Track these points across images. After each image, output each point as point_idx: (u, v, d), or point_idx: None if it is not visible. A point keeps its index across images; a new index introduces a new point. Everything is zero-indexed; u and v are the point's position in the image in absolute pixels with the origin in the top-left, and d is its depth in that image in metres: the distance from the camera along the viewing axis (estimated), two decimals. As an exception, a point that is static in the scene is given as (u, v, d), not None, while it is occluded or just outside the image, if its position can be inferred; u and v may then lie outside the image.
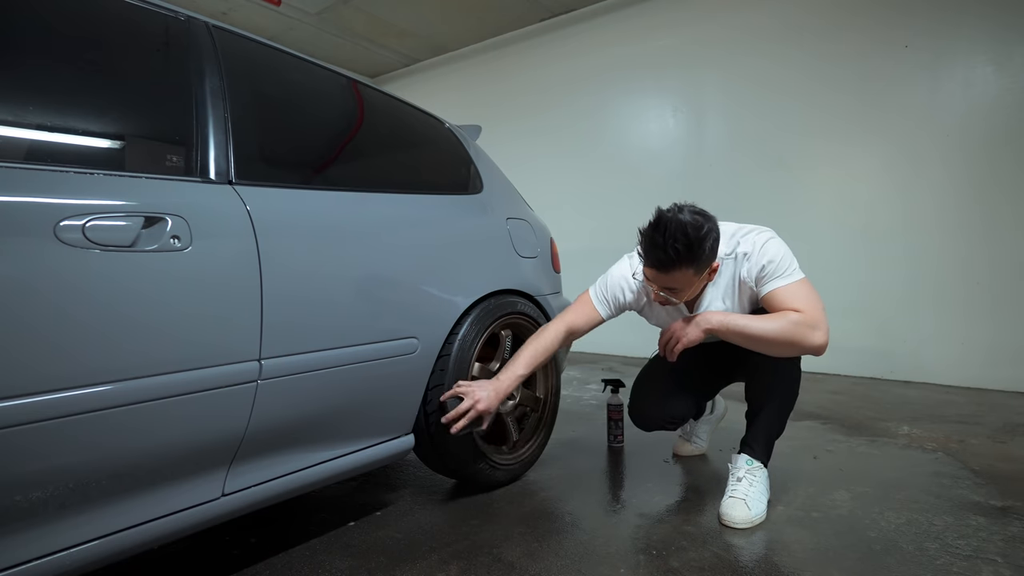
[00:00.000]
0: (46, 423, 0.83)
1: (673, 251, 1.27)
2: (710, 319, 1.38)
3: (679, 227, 1.27)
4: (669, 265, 1.30)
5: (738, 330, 1.36)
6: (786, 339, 1.33)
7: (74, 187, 0.90)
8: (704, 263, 1.33)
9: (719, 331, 1.38)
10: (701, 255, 1.30)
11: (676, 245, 1.26)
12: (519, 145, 4.68)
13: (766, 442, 1.53)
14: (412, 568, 1.25)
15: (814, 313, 1.34)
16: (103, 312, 0.89)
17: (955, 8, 3.07)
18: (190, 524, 1.04)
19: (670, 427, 1.73)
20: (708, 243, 1.30)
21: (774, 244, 1.42)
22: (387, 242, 1.42)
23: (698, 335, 1.38)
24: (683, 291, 1.39)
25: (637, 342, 1.62)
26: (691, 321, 1.39)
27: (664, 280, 1.36)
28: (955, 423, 2.34)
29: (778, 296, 1.38)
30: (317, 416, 1.23)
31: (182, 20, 1.18)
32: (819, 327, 1.33)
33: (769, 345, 1.36)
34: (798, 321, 1.33)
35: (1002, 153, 2.96)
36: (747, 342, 1.38)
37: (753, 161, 3.71)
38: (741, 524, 1.40)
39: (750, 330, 1.35)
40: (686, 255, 1.28)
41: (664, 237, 1.27)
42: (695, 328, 1.38)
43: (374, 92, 1.69)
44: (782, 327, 1.33)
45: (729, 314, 1.39)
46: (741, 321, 1.36)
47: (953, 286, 3.10)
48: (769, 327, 1.34)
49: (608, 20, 4.36)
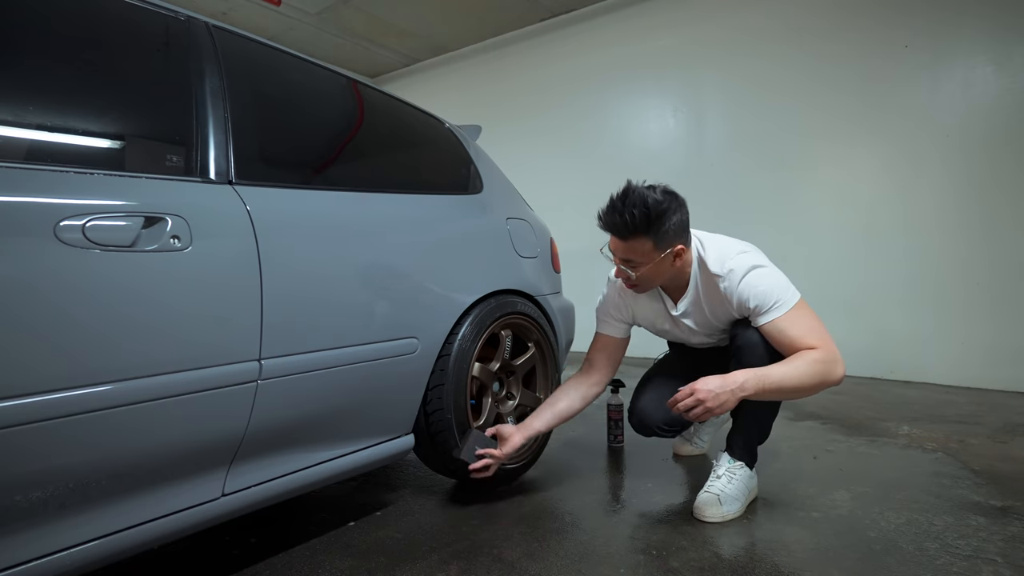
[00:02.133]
0: (46, 423, 0.83)
1: (630, 216, 1.30)
2: (746, 386, 1.28)
3: (641, 198, 1.31)
4: (625, 231, 1.33)
5: (775, 387, 1.29)
6: (817, 382, 1.30)
7: (74, 187, 0.90)
8: (663, 239, 1.34)
9: (756, 394, 1.29)
10: (659, 228, 1.32)
11: (634, 211, 1.30)
12: (519, 145, 4.68)
13: (746, 444, 1.54)
14: (412, 568, 1.25)
15: (828, 345, 1.32)
16: (103, 312, 0.89)
17: (955, 8, 3.07)
18: (190, 524, 1.04)
19: (668, 434, 1.73)
20: (669, 219, 1.32)
21: (761, 272, 1.39)
22: (387, 242, 1.42)
23: (733, 404, 1.29)
24: (643, 267, 1.38)
25: (637, 342, 1.61)
26: (726, 388, 1.28)
27: (624, 250, 1.37)
28: (955, 423, 2.34)
29: (782, 327, 1.35)
30: (317, 416, 1.23)
31: (182, 20, 1.18)
32: (838, 359, 1.32)
33: (802, 391, 1.32)
34: (822, 360, 1.30)
35: (1002, 153, 2.96)
36: (783, 395, 1.34)
37: (753, 161, 3.71)
38: (711, 518, 1.43)
39: (786, 383, 1.29)
40: (643, 223, 1.31)
41: (624, 203, 1.32)
42: (731, 397, 1.27)
43: (374, 92, 1.70)
44: (811, 372, 1.29)
45: (761, 373, 1.30)
46: (776, 376, 1.29)
47: (953, 286, 3.10)
48: (801, 375, 1.29)
49: (608, 20, 4.36)
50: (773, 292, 1.36)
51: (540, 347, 1.86)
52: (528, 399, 1.81)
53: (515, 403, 1.77)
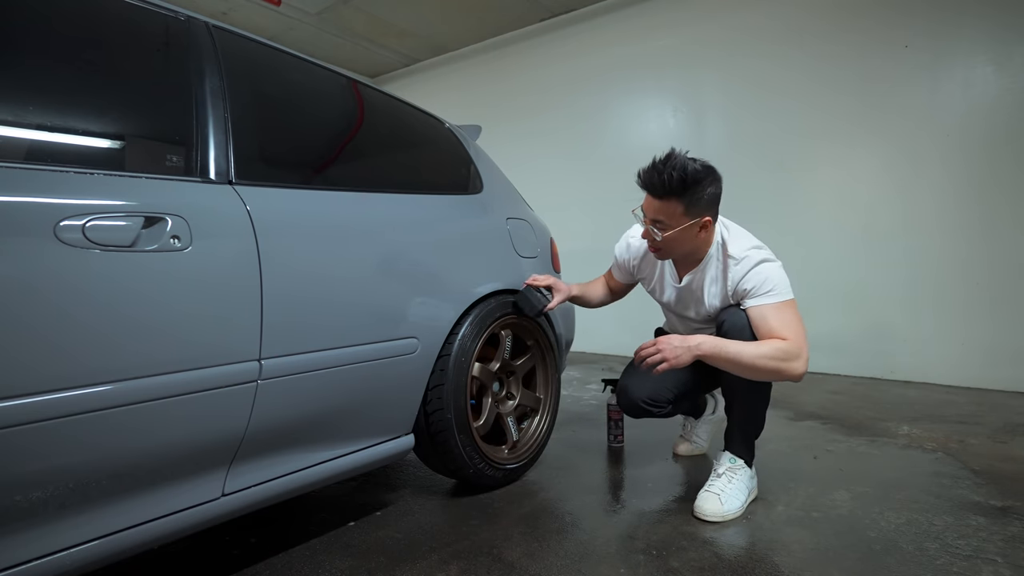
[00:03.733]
0: (46, 423, 0.83)
1: (668, 176, 1.39)
2: (702, 346, 1.39)
3: (682, 163, 1.40)
4: (661, 190, 1.41)
5: (730, 357, 1.38)
6: (772, 368, 1.37)
7: (74, 187, 0.90)
8: (695, 205, 1.42)
9: (710, 357, 1.40)
10: (695, 194, 1.40)
11: (672, 172, 1.38)
12: (519, 145, 4.68)
13: (743, 440, 1.56)
14: (412, 568, 1.25)
15: (798, 341, 1.39)
16: (103, 312, 0.89)
17: (955, 8, 3.07)
18: (190, 524, 1.04)
19: (655, 411, 1.70)
20: (704, 187, 1.41)
21: (774, 267, 1.47)
22: (387, 242, 1.42)
23: (688, 360, 1.39)
24: (670, 231, 1.45)
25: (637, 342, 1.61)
26: (684, 344, 1.40)
27: (655, 209, 1.45)
28: (955, 423, 2.34)
29: (764, 312, 1.42)
30: (317, 416, 1.23)
31: (182, 20, 1.18)
32: (801, 356, 1.38)
33: (755, 372, 1.40)
34: (784, 350, 1.37)
35: (1002, 153, 2.96)
36: (736, 369, 1.41)
37: (753, 162, 3.71)
38: (711, 517, 1.45)
39: (741, 358, 1.38)
40: (679, 186, 1.39)
41: (665, 164, 1.40)
42: (686, 353, 1.39)
43: (374, 92, 1.70)
44: (770, 355, 1.37)
45: (720, 341, 1.41)
46: (732, 349, 1.38)
47: (953, 286, 3.10)
48: (757, 355, 1.37)
49: (608, 20, 4.36)
50: (770, 281, 1.44)
51: (540, 347, 1.86)
52: (528, 399, 1.81)
53: (515, 403, 1.77)
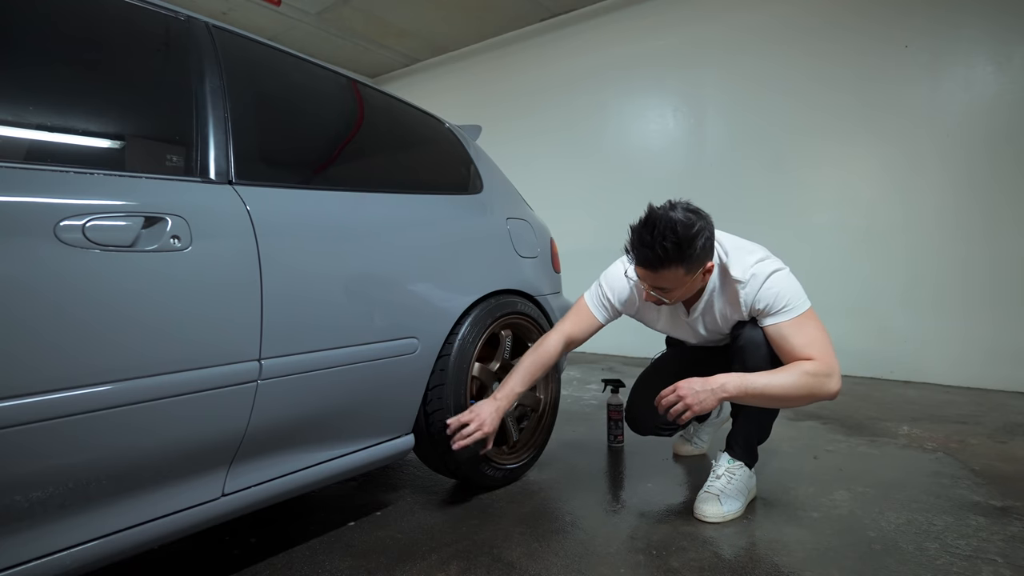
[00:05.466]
0: (46, 423, 0.83)
1: (661, 249, 1.25)
2: (727, 387, 1.30)
3: (669, 225, 1.25)
4: (658, 264, 1.28)
5: (758, 392, 1.30)
6: (805, 394, 1.30)
7: (74, 187, 0.90)
8: (695, 262, 1.30)
9: (738, 397, 1.32)
10: (692, 254, 1.27)
11: (665, 243, 1.24)
12: (519, 145, 4.68)
13: (746, 445, 1.54)
14: (412, 568, 1.25)
15: (826, 358, 1.31)
16: (103, 312, 0.89)
17: (955, 8, 3.07)
18: (190, 524, 1.04)
19: (665, 433, 1.73)
20: (699, 242, 1.27)
21: (781, 277, 1.38)
22: (387, 242, 1.42)
23: (713, 405, 1.31)
24: (674, 291, 1.36)
25: (637, 342, 1.62)
26: (707, 387, 1.31)
27: (654, 279, 1.33)
28: (955, 423, 2.34)
29: (784, 331, 1.35)
30: (317, 416, 1.23)
31: (182, 20, 1.18)
32: (833, 373, 1.30)
33: (789, 401, 1.32)
34: (814, 372, 1.29)
35: (1002, 153, 2.96)
36: (767, 402, 1.34)
37: (753, 161, 3.71)
38: (711, 518, 1.44)
39: (770, 390, 1.29)
40: (675, 254, 1.26)
41: (653, 235, 1.25)
42: (711, 397, 1.30)
43: (374, 92, 1.69)
44: (801, 383, 1.29)
45: (745, 377, 1.32)
46: (760, 383, 1.30)
47: (953, 286, 3.10)
48: (787, 384, 1.29)
49: (608, 20, 4.36)
50: (783, 296, 1.35)
51: (540, 347, 1.85)
52: (528, 399, 1.81)
53: (515, 403, 1.77)
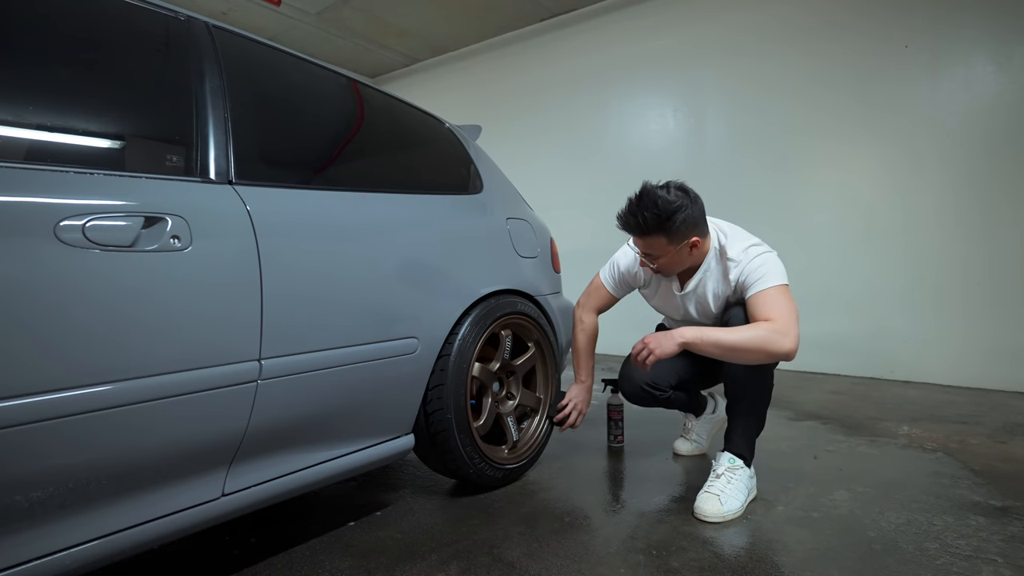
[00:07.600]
0: (46, 423, 0.83)
1: (642, 219, 1.42)
2: (684, 333, 1.43)
3: (652, 199, 1.42)
4: (639, 231, 1.46)
5: (712, 341, 1.41)
6: (757, 346, 1.38)
7: (74, 187, 0.90)
8: (675, 234, 1.44)
9: (694, 344, 1.42)
10: (671, 227, 1.42)
11: (645, 213, 1.42)
12: (519, 145, 4.68)
13: (745, 439, 1.56)
14: (412, 568, 1.25)
15: (784, 320, 1.40)
16: (103, 312, 0.89)
17: (955, 8, 3.07)
18: (190, 524, 1.04)
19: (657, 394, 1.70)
20: (679, 216, 1.41)
21: (768, 256, 1.50)
22: (387, 242, 1.42)
23: (672, 348, 1.42)
24: (662, 259, 1.50)
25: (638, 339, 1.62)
26: (668, 336, 1.44)
27: (643, 245, 1.51)
28: (955, 423, 2.34)
29: (755, 300, 1.46)
30: (317, 416, 1.23)
31: (182, 20, 1.18)
32: (789, 333, 1.38)
33: (742, 353, 1.41)
34: (769, 328, 1.39)
35: (1002, 153, 2.96)
36: (722, 352, 1.43)
37: (753, 161, 3.71)
38: (711, 518, 1.45)
39: (723, 341, 1.40)
40: (654, 224, 1.42)
41: (639, 206, 1.43)
42: (669, 341, 1.42)
43: (374, 92, 1.69)
44: (753, 335, 1.39)
45: (703, 328, 1.45)
46: (714, 334, 1.41)
47: (953, 286, 3.10)
48: (740, 336, 1.39)
49: (608, 20, 4.36)
50: (762, 268, 1.47)
51: (540, 347, 1.86)
52: (528, 399, 1.81)
53: (515, 403, 1.77)
